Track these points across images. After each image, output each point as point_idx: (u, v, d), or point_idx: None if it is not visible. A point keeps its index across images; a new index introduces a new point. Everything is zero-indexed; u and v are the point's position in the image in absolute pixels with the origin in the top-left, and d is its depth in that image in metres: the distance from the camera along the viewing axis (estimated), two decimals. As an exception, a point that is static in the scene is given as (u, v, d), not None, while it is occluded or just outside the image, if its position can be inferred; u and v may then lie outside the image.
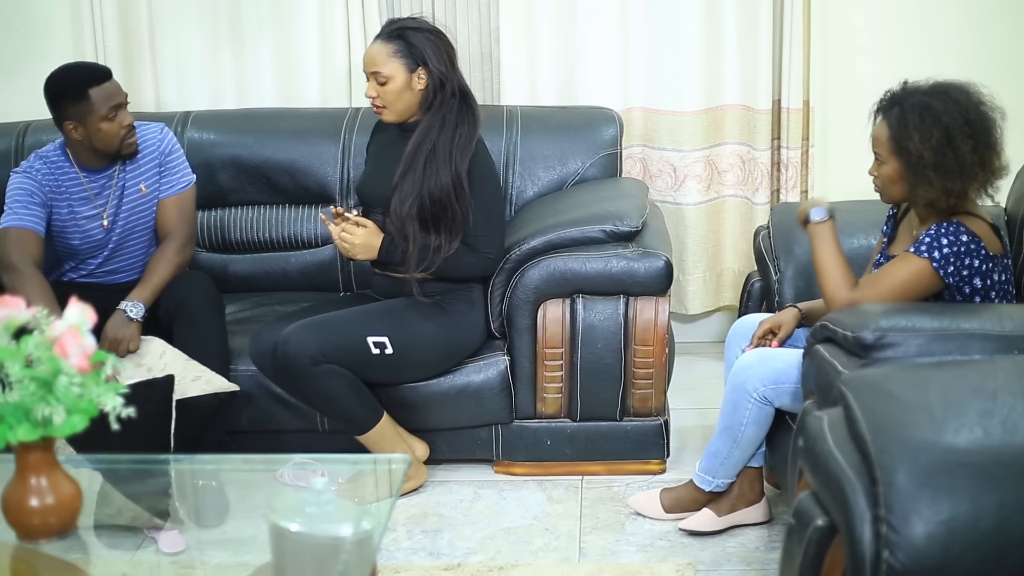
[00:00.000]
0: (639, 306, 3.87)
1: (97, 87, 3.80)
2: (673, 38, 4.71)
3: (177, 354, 3.72)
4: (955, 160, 3.13)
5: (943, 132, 3.13)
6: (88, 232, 3.93)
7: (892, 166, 3.22)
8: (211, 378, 3.71)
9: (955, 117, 3.14)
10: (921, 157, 3.13)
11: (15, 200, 3.85)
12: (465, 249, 3.80)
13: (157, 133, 4.03)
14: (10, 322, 2.38)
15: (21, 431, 2.34)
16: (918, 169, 3.15)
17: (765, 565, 3.44)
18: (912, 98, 3.19)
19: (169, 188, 4.01)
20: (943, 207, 3.19)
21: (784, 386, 3.37)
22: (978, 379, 2.43)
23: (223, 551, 2.92)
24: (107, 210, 3.94)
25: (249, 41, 4.77)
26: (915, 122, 3.15)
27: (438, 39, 3.79)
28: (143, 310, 3.78)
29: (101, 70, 3.88)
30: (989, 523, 2.07)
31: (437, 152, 3.73)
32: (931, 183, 3.14)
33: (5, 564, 2.59)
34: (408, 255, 3.75)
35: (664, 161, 4.80)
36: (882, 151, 3.24)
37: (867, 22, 4.74)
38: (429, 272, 3.77)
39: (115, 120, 3.82)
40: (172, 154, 4.03)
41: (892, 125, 3.20)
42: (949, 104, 3.16)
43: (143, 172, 3.97)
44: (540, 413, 3.98)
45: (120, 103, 3.83)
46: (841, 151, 4.79)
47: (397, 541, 3.62)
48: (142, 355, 3.72)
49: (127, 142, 3.87)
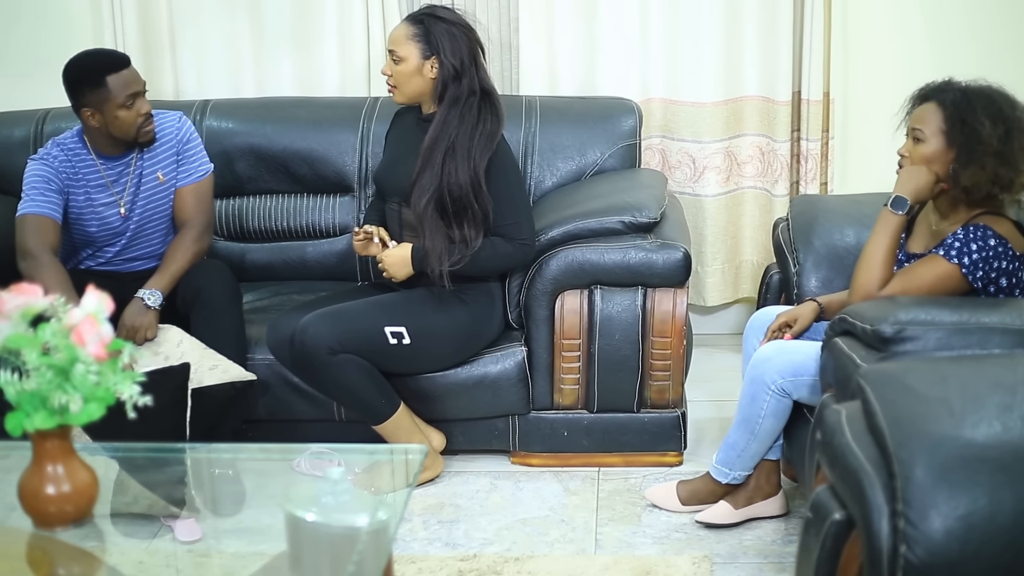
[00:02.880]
0: (657, 298, 3.86)
1: (115, 74, 3.80)
2: (693, 29, 4.70)
3: (194, 343, 3.73)
4: (1011, 153, 3.16)
5: (1007, 124, 3.17)
6: (105, 219, 3.94)
7: (933, 146, 3.22)
8: (228, 367, 3.71)
9: (1014, 113, 3.19)
10: (986, 143, 3.15)
11: (32, 187, 3.86)
12: (501, 241, 3.80)
13: (175, 122, 4.03)
14: (27, 310, 2.38)
15: (38, 419, 2.34)
16: (976, 152, 3.16)
17: (782, 558, 3.43)
18: (971, 89, 3.23)
19: (187, 176, 4.01)
20: (980, 196, 3.19)
21: (802, 378, 3.36)
22: (997, 373, 2.41)
23: (239, 540, 2.93)
24: (124, 197, 3.94)
25: (268, 30, 4.77)
26: (984, 109, 3.17)
27: (461, 33, 3.78)
28: (161, 298, 3.78)
29: (120, 57, 3.88)
30: (1007, 518, 2.06)
31: (456, 149, 3.72)
32: (985, 167, 3.15)
33: (21, 552, 2.60)
34: (439, 255, 3.74)
35: (683, 152, 4.79)
36: (927, 129, 3.23)
37: (888, 14, 4.72)
38: (464, 268, 3.76)
39: (132, 108, 3.82)
40: (190, 142, 4.03)
41: (950, 106, 3.20)
42: (1008, 101, 3.21)
43: (160, 160, 3.97)
44: (557, 404, 3.97)
45: (138, 91, 3.83)
46: (861, 143, 4.77)
47: (413, 531, 3.63)
48: (159, 343, 3.73)
49: (144, 130, 3.87)
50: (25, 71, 4.82)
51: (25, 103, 4.63)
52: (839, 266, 3.75)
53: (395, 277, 3.83)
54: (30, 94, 4.68)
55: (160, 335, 3.75)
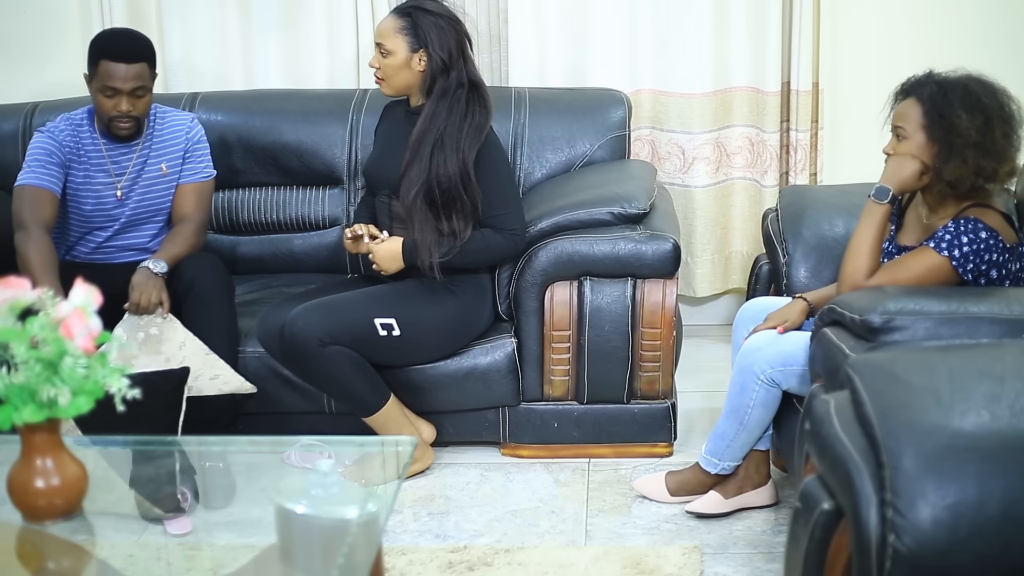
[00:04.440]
0: (647, 289, 3.86)
1: (109, 62, 3.83)
2: (682, 19, 4.70)
3: (198, 346, 3.71)
4: (992, 143, 3.16)
5: (985, 114, 3.16)
6: (101, 198, 3.96)
7: (916, 141, 3.22)
8: (229, 378, 3.71)
9: (994, 102, 3.19)
10: (964, 135, 3.15)
11: (35, 159, 3.89)
12: (491, 232, 3.80)
13: (188, 122, 4.08)
14: (15, 303, 2.38)
15: (26, 412, 2.34)
16: (956, 146, 3.16)
17: (772, 548, 3.44)
18: (948, 81, 3.22)
19: (191, 175, 4.04)
20: (965, 188, 3.19)
21: (792, 368, 3.36)
22: (986, 363, 2.42)
23: (229, 533, 2.92)
24: (123, 181, 3.95)
25: (257, 22, 4.77)
26: (960, 101, 3.17)
27: (449, 26, 3.78)
28: (165, 267, 3.80)
29: (126, 51, 3.87)
30: (996, 507, 2.06)
31: (444, 141, 3.72)
32: (966, 160, 3.16)
33: (11, 545, 2.59)
34: (429, 247, 3.74)
35: (673, 143, 4.79)
36: (908, 126, 3.24)
37: (877, 4, 4.72)
38: (454, 260, 3.76)
39: (110, 100, 3.84)
40: (199, 143, 4.08)
41: (927, 101, 3.21)
42: (987, 90, 3.20)
43: (167, 153, 4.01)
44: (547, 395, 3.98)
45: (120, 89, 3.83)
46: (850, 133, 4.78)
47: (403, 523, 3.63)
48: (161, 341, 3.70)
49: (117, 124, 3.89)
50: (13, 65, 4.80)
51: (14, 96, 4.62)
52: (828, 256, 3.75)
53: (386, 271, 3.83)
54: (19, 87, 4.67)
55: (163, 332, 3.72)
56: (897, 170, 3.25)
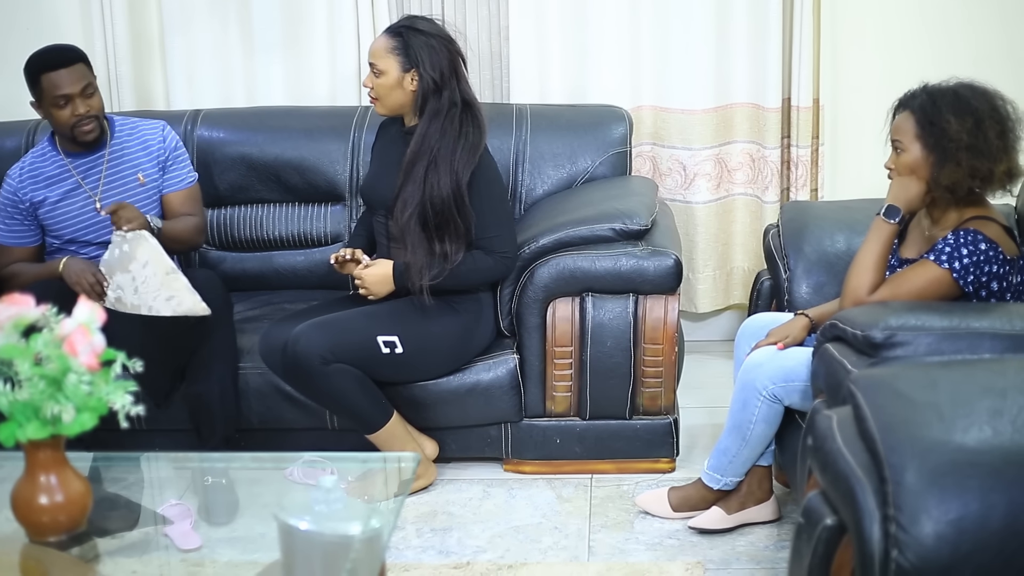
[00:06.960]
0: (648, 305, 3.87)
1: (50, 73, 3.84)
2: (683, 36, 4.71)
3: (160, 265, 3.72)
4: (985, 143, 3.17)
5: (974, 117, 3.18)
6: (83, 212, 3.97)
7: (913, 153, 3.24)
8: (183, 299, 3.71)
9: (984, 103, 3.21)
10: (955, 139, 3.17)
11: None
12: (481, 255, 3.80)
13: (160, 130, 4.09)
14: (19, 320, 2.38)
15: (30, 429, 2.34)
16: (949, 150, 3.18)
17: (775, 564, 3.44)
18: (938, 90, 3.25)
19: (176, 183, 4.06)
20: (963, 192, 3.21)
21: (793, 384, 3.37)
22: (988, 378, 2.42)
23: (232, 549, 2.93)
24: (99, 193, 3.96)
25: (259, 40, 4.78)
26: (949, 107, 3.19)
27: (441, 45, 3.78)
28: (160, 224, 3.89)
29: (59, 56, 3.89)
30: (998, 522, 2.06)
31: (438, 162, 3.72)
32: (959, 163, 3.17)
33: (15, 562, 2.60)
34: (420, 269, 3.74)
35: (674, 159, 4.80)
36: (904, 139, 3.26)
37: (877, 20, 4.73)
38: (444, 283, 3.76)
39: (65, 108, 3.86)
40: (177, 150, 4.10)
41: (918, 111, 3.24)
42: (977, 93, 3.23)
43: (142, 162, 4.02)
44: (549, 411, 3.98)
45: (70, 94, 3.84)
46: (851, 149, 4.78)
47: (406, 539, 3.63)
48: (131, 258, 3.73)
49: (81, 130, 3.90)
50: (14, 82, 4.78)
51: (15, 114, 4.62)
52: (830, 272, 3.76)
53: (376, 295, 3.83)
54: (21, 104, 4.67)
55: (132, 245, 3.74)
56: (904, 190, 3.27)
